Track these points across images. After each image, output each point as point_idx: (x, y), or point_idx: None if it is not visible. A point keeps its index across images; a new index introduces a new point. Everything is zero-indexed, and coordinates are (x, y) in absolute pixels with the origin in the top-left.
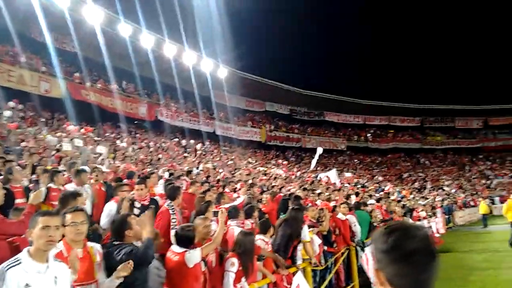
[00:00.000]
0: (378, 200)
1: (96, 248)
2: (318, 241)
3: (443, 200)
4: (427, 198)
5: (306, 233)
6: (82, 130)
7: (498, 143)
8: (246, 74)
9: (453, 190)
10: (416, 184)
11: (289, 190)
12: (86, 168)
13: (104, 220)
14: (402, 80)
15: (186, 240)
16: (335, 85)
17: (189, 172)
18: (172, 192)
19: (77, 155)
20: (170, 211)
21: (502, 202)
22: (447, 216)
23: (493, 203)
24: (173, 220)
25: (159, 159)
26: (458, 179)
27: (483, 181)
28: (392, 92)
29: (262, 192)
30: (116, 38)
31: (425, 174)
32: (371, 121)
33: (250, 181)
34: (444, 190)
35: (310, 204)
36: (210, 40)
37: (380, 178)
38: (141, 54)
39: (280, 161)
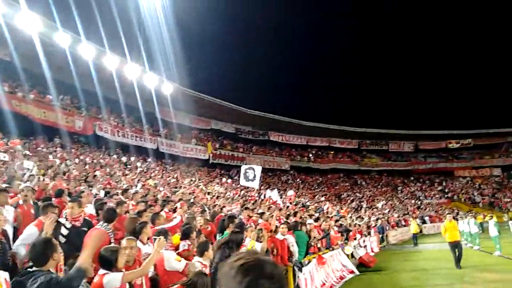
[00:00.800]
0: (316, 220)
1: (2, 276)
2: None
3: (377, 219)
4: (363, 218)
5: None
6: (9, 144)
7: (428, 166)
8: (192, 92)
9: (387, 210)
10: (354, 204)
11: (230, 209)
12: (6, 186)
13: (18, 246)
14: (341, 104)
15: (106, 262)
16: (280, 106)
17: (125, 191)
18: (109, 215)
19: (1, 171)
20: (110, 234)
21: (431, 222)
22: (380, 235)
23: (424, 222)
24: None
25: (95, 176)
26: (391, 199)
27: (414, 202)
28: (333, 115)
29: (202, 212)
30: (54, 48)
31: (362, 194)
32: (313, 142)
33: (191, 200)
34: (378, 209)
35: (251, 224)
36: (156, 55)
37: (321, 198)
38: (81, 66)
39: (224, 179)
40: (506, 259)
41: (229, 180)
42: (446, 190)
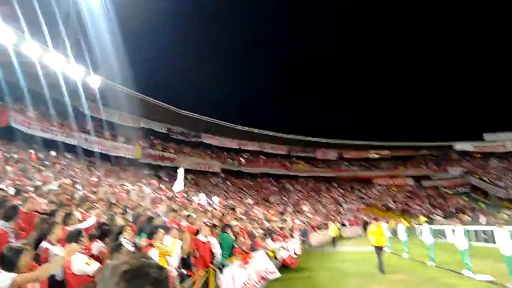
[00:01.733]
0: (242, 223)
1: None
2: (173, 263)
3: (301, 223)
4: (288, 221)
5: (153, 256)
6: None
7: (349, 174)
8: (122, 88)
9: (310, 214)
10: (280, 208)
11: (155, 211)
12: None
13: None
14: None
15: (7, 262)
16: (214, 109)
17: (37, 188)
18: (9, 213)
19: None
20: (8, 233)
21: (351, 225)
22: (303, 238)
23: (343, 225)
24: None
25: (5, 171)
26: (315, 204)
27: (335, 207)
28: (265, 121)
29: (123, 213)
30: None
31: (289, 198)
32: (245, 146)
33: (113, 200)
34: (303, 213)
35: (175, 226)
36: (82, 45)
37: (250, 201)
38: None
39: (152, 180)
40: (412, 261)
41: (157, 181)
42: (364, 197)
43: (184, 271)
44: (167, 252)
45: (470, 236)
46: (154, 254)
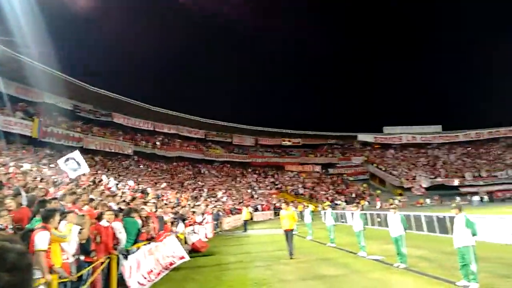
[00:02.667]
0: (153, 207)
1: None
2: (69, 250)
3: (214, 207)
4: (200, 206)
5: (42, 240)
6: None
7: (264, 160)
8: (19, 55)
9: (224, 199)
10: (195, 192)
11: (55, 194)
12: None
13: None
14: (191, 93)
15: None
16: (127, 86)
17: None
18: None
19: None
20: None
21: (263, 210)
22: (215, 222)
23: (256, 210)
24: None
25: None
26: (230, 189)
27: (249, 191)
28: (182, 103)
29: (16, 195)
30: None
31: (204, 183)
32: (161, 128)
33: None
34: (217, 198)
35: (75, 210)
36: None
37: (164, 185)
38: None
39: (55, 161)
40: (316, 243)
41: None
42: (277, 182)
43: (82, 258)
44: (61, 238)
45: (367, 220)
46: (41, 238)
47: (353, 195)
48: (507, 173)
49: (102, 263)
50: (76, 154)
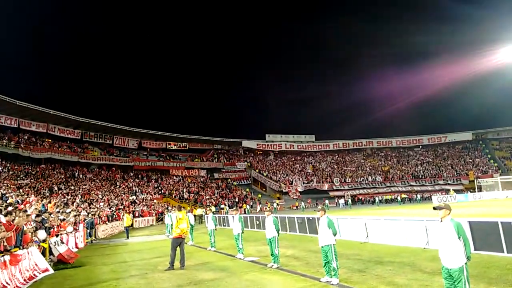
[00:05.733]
0: (6, 214)
1: None
2: None
3: (88, 214)
4: (70, 213)
5: None
6: None
7: (148, 164)
8: None
9: (102, 204)
10: (67, 197)
11: None
12: None
13: None
14: (67, 89)
15: None
16: None
17: None
18: None
19: None
20: None
21: (144, 215)
22: (89, 230)
23: (138, 215)
24: None
25: None
26: (108, 194)
27: (130, 197)
28: (54, 99)
29: None
30: None
31: (78, 187)
32: (27, 126)
33: None
34: (92, 204)
35: None
36: None
37: (28, 190)
38: None
39: None
40: (195, 247)
41: None
42: (161, 187)
43: None
44: None
45: (246, 223)
46: None
47: (236, 199)
48: (367, 179)
49: None
50: None
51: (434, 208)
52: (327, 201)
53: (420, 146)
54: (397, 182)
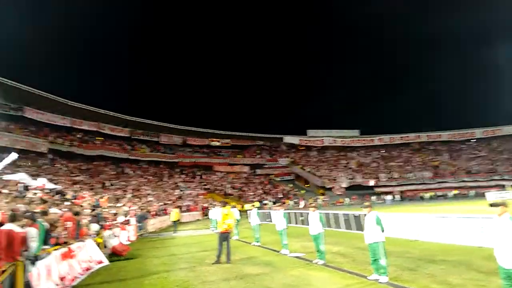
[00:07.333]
0: (65, 209)
1: None
2: None
3: (138, 208)
4: (122, 207)
5: None
6: None
7: (192, 160)
8: None
9: (150, 199)
10: (118, 193)
11: None
12: None
13: None
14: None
15: None
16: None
17: None
18: None
19: None
20: None
21: (190, 210)
22: (139, 224)
23: (184, 210)
24: None
25: None
26: (156, 189)
27: (176, 192)
28: (105, 99)
29: None
30: None
31: (128, 183)
32: (79, 125)
33: None
34: (141, 199)
35: None
36: None
37: (82, 186)
38: None
39: None
40: (240, 242)
41: None
42: (205, 183)
43: None
44: None
45: (290, 218)
46: None
47: (280, 195)
48: (415, 174)
49: (4, 271)
50: (13, 156)
51: (491, 205)
52: (373, 198)
53: (473, 139)
54: (448, 177)
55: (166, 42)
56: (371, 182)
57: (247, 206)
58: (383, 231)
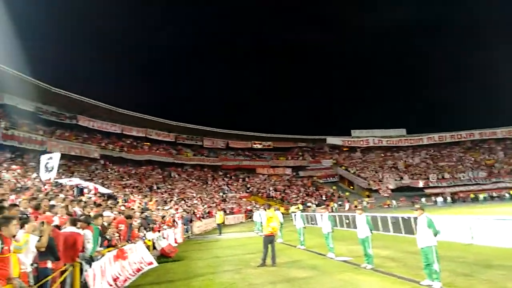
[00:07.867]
0: (120, 213)
1: None
2: (26, 261)
3: (184, 211)
4: (169, 210)
5: None
6: None
7: (235, 163)
8: None
9: (196, 202)
10: (165, 196)
11: (16, 200)
12: None
13: None
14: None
15: None
16: (93, 88)
17: None
18: None
19: None
20: None
21: (234, 213)
22: (186, 226)
23: (228, 213)
24: None
25: None
26: (201, 192)
27: (220, 195)
28: (151, 106)
29: None
30: None
31: (174, 186)
32: (129, 131)
33: None
34: (187, 202)
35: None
36: None
37: (131, 190)
38: None
39: (14, 166)
40: (285, 245)
41: (21, 166)
42: (248, 185)
43: (50, 265)
44: (16, 249)
45: (335, 221)
46: None
47: (323, 197)
48: (468, 174)
49: (63, 271)
50: (56, 156)
51: None
52: (423, 199)
53: None
54: (504, 177)
55: (210, 48)
56: (420, 183)
57: (292, 208)
58: (435, 234)
